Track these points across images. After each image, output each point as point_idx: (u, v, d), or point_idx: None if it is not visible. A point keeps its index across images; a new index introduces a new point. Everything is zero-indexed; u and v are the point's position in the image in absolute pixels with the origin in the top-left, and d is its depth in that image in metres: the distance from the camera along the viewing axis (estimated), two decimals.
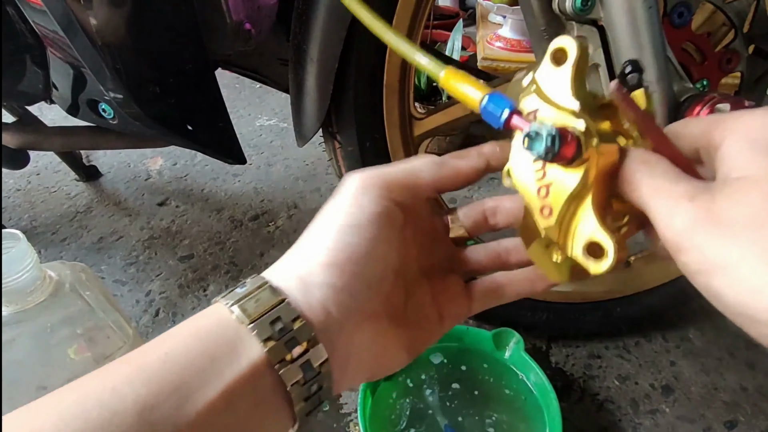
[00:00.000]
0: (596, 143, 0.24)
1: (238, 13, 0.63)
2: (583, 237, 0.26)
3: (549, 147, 0.24)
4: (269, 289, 0.25)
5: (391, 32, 0.34)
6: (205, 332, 0.24)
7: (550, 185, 0.26)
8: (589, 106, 0.26)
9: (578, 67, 0.26)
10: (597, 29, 0.45)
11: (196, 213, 1.10)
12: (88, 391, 0.21)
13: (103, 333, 0.49)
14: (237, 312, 0.24)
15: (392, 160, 0.64)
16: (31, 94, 0.72)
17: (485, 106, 0.27)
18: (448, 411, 0.64)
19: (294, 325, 0.24)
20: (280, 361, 0.24)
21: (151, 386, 0.21)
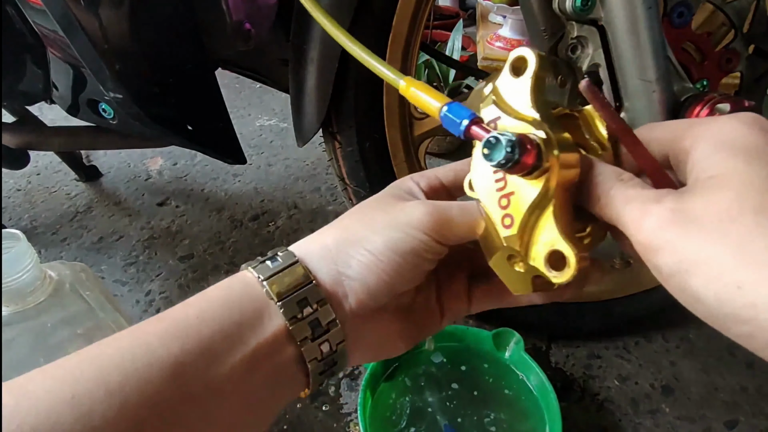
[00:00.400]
0: (557, 152, 0.24)
1: (238, 12, 0.63)
2: (545, 247, 0.25)
3: (508, 154, 0.23)
4: (300, 267, 0.26)
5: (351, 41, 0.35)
6: (233, 301, 0.25)
7: (511, 195, 0.26)
8: (549, 116, 0.26)
9: (537, 77, 0.26)
10: (597, 29, 0.45)
11: (196, 213, 1.10)
12: (125, 345, 0.23)
13: (103, 333, 0.49)
14: (267, 287, 0.26)
15: (392, 160, 0.64)
16: (31, 94, 0.72)
17: (445, 115, 0.27)
18: (448, 411, 0.64)
19: (319, 307, 0.26)
20: (302, 339, 0.25)
21: (182, 345, 0.23)
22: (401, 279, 0.27)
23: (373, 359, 0.31)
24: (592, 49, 0.46)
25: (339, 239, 0.28)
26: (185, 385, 0.22)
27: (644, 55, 0.43)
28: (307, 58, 0.57)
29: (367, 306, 0.27)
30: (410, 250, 0.27)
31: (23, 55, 0.66)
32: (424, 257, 0.27)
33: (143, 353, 0.22)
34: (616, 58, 0.45)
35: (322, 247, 0.28)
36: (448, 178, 0.32)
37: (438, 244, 0.27)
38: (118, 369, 0.22)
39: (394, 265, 0.26)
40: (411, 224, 0.27)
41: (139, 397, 0.21)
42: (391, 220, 0.28)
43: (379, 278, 0.27)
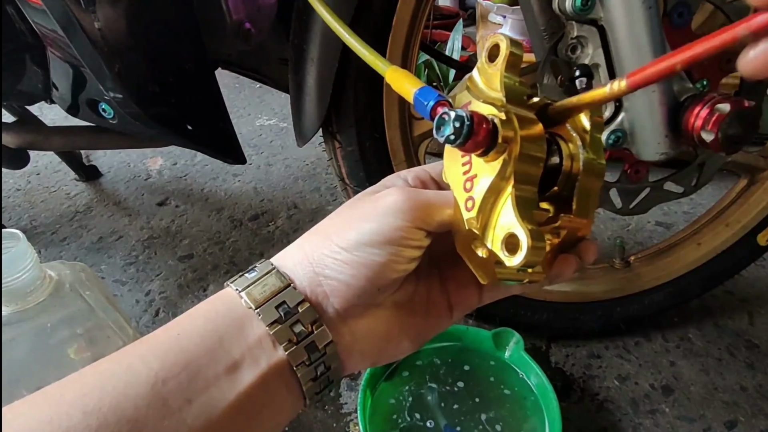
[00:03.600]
0: (514, 133, 0.24)
1: (238, 12, 0.63)
2: (502, 230, 0.25)
3: (456, 129, 0.23)
4: (276, 274, 0.26)
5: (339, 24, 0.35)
6: (214, 314, 0.25)
7: (474, 177, 0.26)
8: (518, 100, 0.26)
9: (509, 62, 0.26)
10: (597, 29, 0.45)
11: (196, 213, 1.10)
12: (107, 368, 0.23)
13: (103, 333, 0.49)
14: (245, 297, 0.25)
15: (392, 160, 0.64)
16: (31, 94, 0.72)
17: (416, 97, 0.28)
18: (448, 411, 0.64)
19: (299, 308, 0.25)
20: (287, 342, 0.25)
21: (164, 362, 0.23)
22: (383, 271, 0.26)
23: (377, 362, 0.30)
24: (592, 49, 0.46)
25: (314, 242, 0.27)
26: (166, 400, 0.22)
27: (644, 55, 0.43)
28: (307, 57, 0.57)
29: (354, 304, 0.26)
30: (386, 240, 0.25)
31: (23, 55, 0.66)
32: (403, 244, 0.26)
33: (123, 373, 0.22)
34: (616, 58, 0.45)
35: (299, 252, 0.27)
36: (436, 170, 0.31)
37: (417, 229, 0.26)
38: (96, 390, 0.22)
39: (371, 257, 0.25)
40: (384, 211, 0.26)
41: (117, 415, 0.21)
42: (364, 213, 0.27)
43: (358, 273, 0.25)
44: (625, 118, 0.46)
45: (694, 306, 0.82)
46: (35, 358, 0.45)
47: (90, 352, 0.47)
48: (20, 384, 0.44)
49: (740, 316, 0.82)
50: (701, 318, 0.82)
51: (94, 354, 0.47)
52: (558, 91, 0.50)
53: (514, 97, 0.26)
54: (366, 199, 0.28)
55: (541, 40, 0.49)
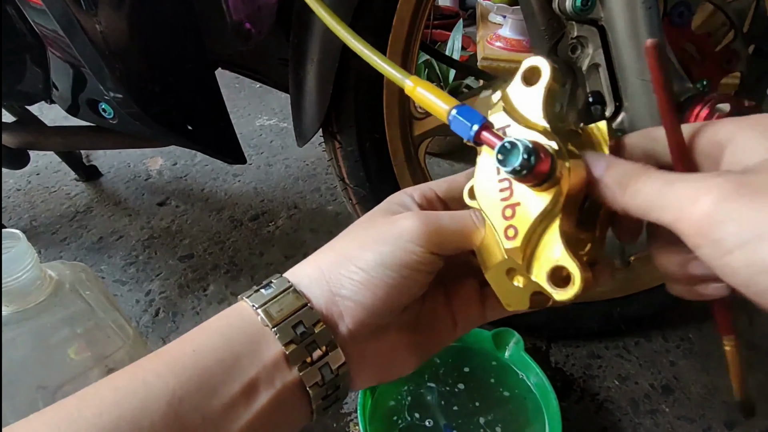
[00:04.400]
0: (568, 164, 0.24)
1: (239, 12, 0.63)
2: (549, 262, 0.25)
3: (524, 161, 0.23)
4: (293, 293, 0.26)
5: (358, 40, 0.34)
6: (231, 331, 0.25)
7: (517, 205, 0.25)
8: (559, 128, 0.26)
9: (550, 87, 0.25)
10: (597, 29, 0.45)
11: (196, 213, 1.10)
12: (124, 385, 0.23)
13: (103, 333, 0.49)
14: (261, 315, 0.25)
15: (392, 160, 0.64)
16: (31, 94, 0.72)
17: (454, 117, 0.27)
18: (448, 411, 0.64)
19: (315, 329, 0.25)
20: (301, 363, 0.25)
21: (180, 379, 0.23)
22: (398, 294, 0.26)
23: (384, 379, 0.30)
24: (592, 49, 0.46)
25: (331, 260, 0.27)
26: (182, 419, 0.22)
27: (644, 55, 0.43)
28: (307, 58, 0.57)
29: (366, 324, 0.27)
30: (403, 264, 0.26)
31: (23, 55, 0.66)
32: (418, 269, 0.26)
33: (139, 389, 0.22)
34: (616, 58, 0.45)
35: (315, 270, 0.27)
36: (442, 189, 0.31)
37: (432, 254, 0.26)
38: (113, 407, 0.22)
39: (388, 280, 0.26)
40: (402, 236, 0.26)
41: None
42: (381, 235, 0.27)
43: (374, 295, 0.26)
44: (626, 117, 0.46)
45: (694, 306, 0.82)
46: (35, 358, 0.45)
47: (90, 352, 0.47)
48: (20, 384, 0.44)
49: (740, 317, 0.82)
50: (701, 318, 0.82)
51: (94, 354, 0.47)
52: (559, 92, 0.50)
53: (555, 124, 0.25)
54: (380, 220, 0.28)
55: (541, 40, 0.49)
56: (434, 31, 1.60)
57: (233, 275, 0.92)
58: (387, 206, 0.30)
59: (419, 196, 0.30)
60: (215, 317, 0.26)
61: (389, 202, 0.30)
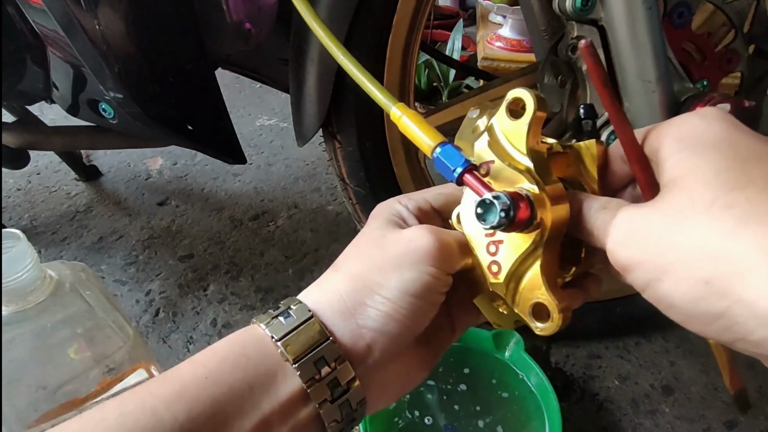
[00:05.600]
0: (549, 206, 0.24)
1: (239, 12, 0.63)
2: (530, 299, 0.26)
3: (502, 219, 0.23)
4: (316, 325, 0.25)
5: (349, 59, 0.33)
6: (247, 361, 0.24)
7: (500, 243, 0.26)
8: (542, 163, 0.26)
9: (534, 120, 0.25)
10: (597, 29, 0.45)
11: (196, 213, 1.10)
12: (130, 410, 0.22)
13: (103, 333, 0.49)
14: (282, 348, 0.24)
15: (392, 160, 0.64)
16: (31, 94, 0.72)
17: (437, 157, 0.27)
18: (448, 411, 0.64)
19: (338, 365, 0.24)
20: (321, 402, 0.24)
21: (190, 411, 0.22)
22: (423, 319, 0.26)
23: (395, 400, 0.30)
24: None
25: (352, 289, 0.26)
26: None
27: (644, 55, 0.43)
28: (307, 58, 0.57)
29: (393, 354, 0.26)
30: (426, 288, 0.25)
31: (23, 55, 0.66)
32: (438, 291, 0.26)
33: (147, 419, 0.21)
34: (616, 58, 0.45)
35: (336, 298, 0.26)
36: (438, 201, 0.31)
37: (447, 276, 0.27)
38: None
39: (413, 308, 0.25)
40: (421, 260, 0.26)
41: None
42: (398, 257, 0.26)
43: (401, 324, 0.25)
44: None
45: None
46: (35, 358, 0.45)
47: (90, 352, 0.47)
48: (20, 384, 0.44)
49: None
50: None
51: (94, 354, 0.47)
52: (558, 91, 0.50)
53: (539, 160, 0.25)
54: (391, 237, 0.27)
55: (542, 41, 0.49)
56: (434, 31, 1.60)
57: (233, 275, 0.92)
58: (387, 217, 0.29)
59: (414, 207, 0.30)
60: (229, 339, 0.25)
61: (387, 213, 0.29)
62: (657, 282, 0.20)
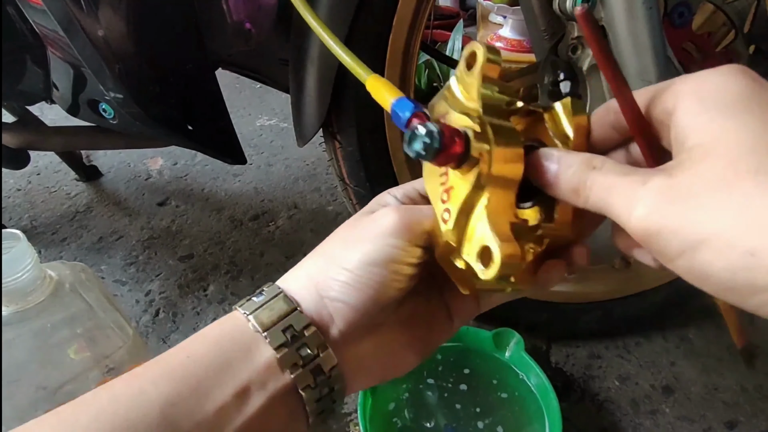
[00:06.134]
0: (489, 146, 0.24)
1: (239, 12, 0.63)
2: (477, 242, 0.25)
3: (426, 144, 0.23)
4: (283, 298, 0.27)
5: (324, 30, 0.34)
6: (222, 338, 0.26)
7: (450, 189, 0.26)
8: (496, 109, 0.25)
9: (486, 70, 0.25)
10: None
11: (196, 213, 1.10)
12: (120, 392, 0.24)
13: (103, 333, 0.49)
14: (252, 320, 0.26)
15: (392, 160, 0.64)
16: (31, 94, 0.72)
17: (393, 109, 0.27)
18: (448, 411, 0.64)
19: (305, 332, 0.26)
20: (292, 366, 0.25)
21: (174, 385, 0.24)
22: (385, 289, 0.27)
23: (383, 378, 0.30)
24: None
25: (318, 264, 0.28)
26: (175, 424, 0.23)
27: (644, 55, 0.43)
28: (307, 58, 0.57)
29: (358, 325, 0.27)
30: (386, 258, 0.26)
31: (23, 55, 0.66)
32: (402, 262, 0.27)
33: (135, 397, 0.23)
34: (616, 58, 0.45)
35: (304, 275, 0.28)
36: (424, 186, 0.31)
37: (413, 246, 0.27)
38: (108, 414, 0.23)
39: (374, 277, 0.26)
40: (382, 232, 0.27)
41: None
42: (363, 233, 0.27)
43: (362, 294, 0.26)
44: None
45: (694, 306, 0.82)
46: (35, 358, 0.45)
47: (90, 352, 0.47)
48: (20, 384, 0.44)
49: (741, 315, 0.82)
50: (701, 318, 0.82)
51: (94, 354, 0.47)
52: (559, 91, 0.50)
53: (493, 106, 0.25)
54: (363, 219, 0.28)
55: (542, 41, 0.49)
56: (434, 32, 1.60)
57: (233, 275, 0.92)
58: (370, 207, 0.30)
59: (402, 195, 0.31)
60: (210, 326, 0.27)
61: (372, 203, 0.31)
62: (693, 251, 0.19)
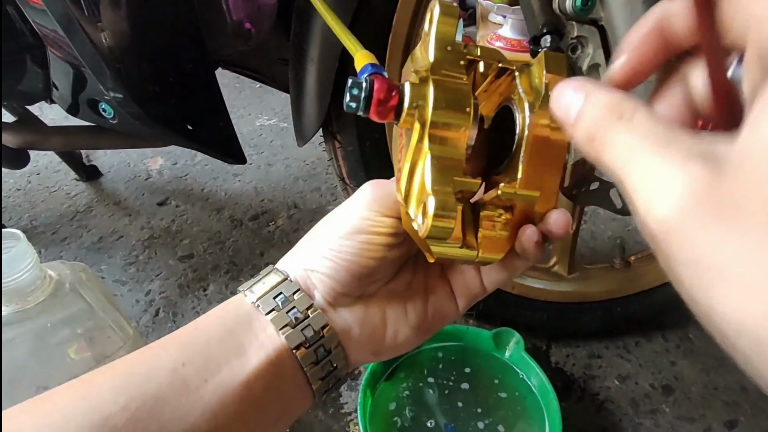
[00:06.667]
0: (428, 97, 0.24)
1: (239, 12, 0.63)
2: (420, 198, 0.24)
3: (354, 95, 0.24)
4: (275, 272, 0.30)
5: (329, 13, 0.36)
6: (226, 312, 0.29)
7: (402, 149, 0.26)
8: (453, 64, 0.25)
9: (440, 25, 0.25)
10: (597, 29, 0.45)
11: (196, 213, 1.10)
12: (134, 359, 0.27)
13: (103, 333, 0.49)
14: (247, 293, 0.29)
15: (392, 160, 0.64)
16: (31, 94, 0.72)
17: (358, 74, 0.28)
18: (448, 411, 0.64)
19: (294, 297, 0.28)
20: (284, 326, 0.28)
21: (183, 349, 0.27)
22: (359, 259, 0.28)
23: (378, 351, 0.31)
24: (592, 49, 0.46)
25: (304, 244, 0.31)
26: (185, 381, 0.25)
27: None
28: (307, 57, 0.57)
29: (339, 293, 0.29)
30: (355, 230, 0.28)
31: (23, 55, 0.66)
32: (371, 232, 0.28)
33: (148, 359, 0.26)
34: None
35: (292, 255, 0.31)
36: None
37: (382, 217, 0.28)
38: (124, 375, 0.26)
39: (345, 248, 0.28)
40: (355, 206, 0.29)
41: (142, 393, 0.25)
42: (340, 210, 0.30)
43: (336, 264, 0.28)
44: None
45: None
46: (35, 358, 0.45)
47: (90, 352, 0.47)
48: (20, 384, 0.44)
49: None
50: None
51: (94, 354, 0.47)
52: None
53: (446, 61, 0.25)
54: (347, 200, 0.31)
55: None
56: None
57: (233, 275, 0.92)
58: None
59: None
60: (215, 307, 0.30)
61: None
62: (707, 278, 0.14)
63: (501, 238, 0.26)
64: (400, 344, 0.31)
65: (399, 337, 0.30)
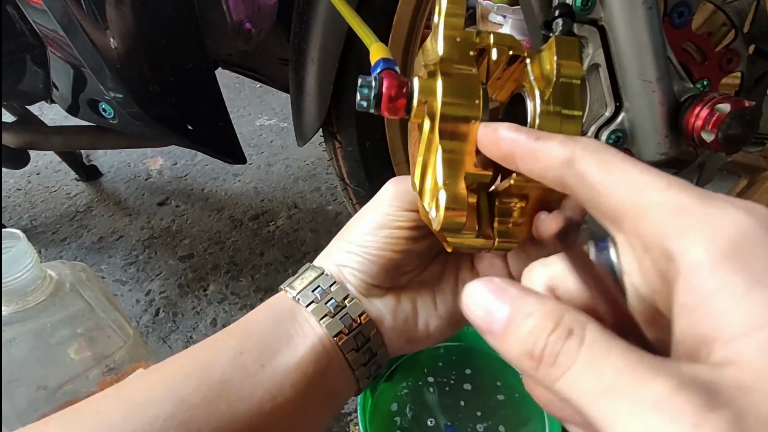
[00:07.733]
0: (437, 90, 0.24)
1: (239, 12, 0.63)
2: (430, 191, 0.25)
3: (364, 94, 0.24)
4: (311, 269, 0.32)
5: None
6: (273, 307, 0.31)
7: (416, 143, 0.27)
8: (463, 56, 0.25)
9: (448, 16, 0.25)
10: (597, 29, 0.45)
11: (196, 213, 1.10)
12: (198, 350, 0.29)
13: (103, 333, 0.49)
14: (288, 289, 0.31)
15: (392, 160, 0.64)
16: (31, 94, 0.72)
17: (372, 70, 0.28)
18: (448, 411, 0.64)
19: (331, 289, 0.30)
20: (323, 316, 0.29)
21: (240, 339, 0.29)
22: (383, 253, 0.30)
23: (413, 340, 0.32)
24: (592, 49, 0.46)
25: (336, 242, 0.33)
26: (245, 366, 0.28)
27: (644, 55, 0.43)
28: (307, 58, 0.57)
29: (369, 284, 0.31)
30: (377, 225, 0.30)
31: (23, 55, 0.66)
32: (396, 226, 0.30)
33: (211, 348, 0.29)
34: (616, 58, 0.45)
35: (326, 252, 0.33)
36: None
37: (402, 211, 0.29)
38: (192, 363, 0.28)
39: (371, 242, 0.30)
40: (378, 203, 0.31)
41: (210, 377, 0.27)
42: (366, 208, 0.31)
43: (365, 260, 0.30)
44: (626, 118, 0.46)
45: None
46: (35, 358, 0.45)
47: (90, 352, 0.47)
48: (20, 384, 0.44)
49: None
50: None
51: (94, 354, 0.47)
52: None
53: (455, 52, 0.25)
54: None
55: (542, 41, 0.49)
56: None
57: (233, 275, 0.92)
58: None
59: None
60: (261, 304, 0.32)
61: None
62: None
63: (516, 226, 0.26)
64: (432, 334, 0.32)
65: (430, 327, 0.32)
